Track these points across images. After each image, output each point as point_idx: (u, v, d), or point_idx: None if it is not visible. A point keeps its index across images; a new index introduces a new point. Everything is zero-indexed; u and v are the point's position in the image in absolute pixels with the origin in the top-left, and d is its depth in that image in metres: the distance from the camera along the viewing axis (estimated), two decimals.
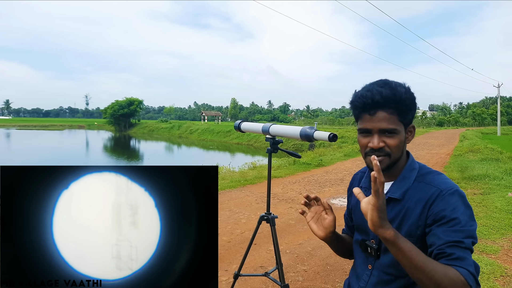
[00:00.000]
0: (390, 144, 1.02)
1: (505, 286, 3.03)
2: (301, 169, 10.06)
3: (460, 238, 0.92)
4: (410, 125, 1.07)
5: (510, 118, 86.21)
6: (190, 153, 31.75)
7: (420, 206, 1.01)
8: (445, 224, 0.95)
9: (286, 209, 5.66)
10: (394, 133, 1.02)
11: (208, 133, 45.51)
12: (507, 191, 6.59)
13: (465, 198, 0.99)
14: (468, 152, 13.75)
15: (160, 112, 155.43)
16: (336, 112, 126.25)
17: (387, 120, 1.01)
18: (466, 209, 0.97)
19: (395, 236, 0.89)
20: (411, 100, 1.03)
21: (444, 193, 0.98)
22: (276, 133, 1.59)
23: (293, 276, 3.27)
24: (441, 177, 1.04)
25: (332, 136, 1.28)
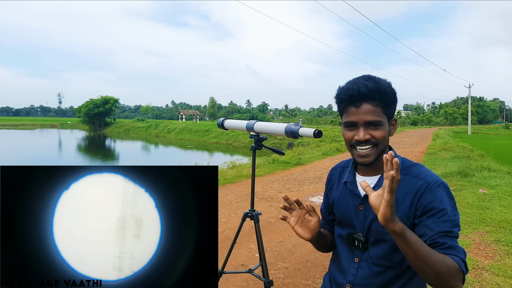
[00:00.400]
0: (376, 135, 1.06)
1: (477, 278, 3.16)
2: (280, 167, 10.12)
3: (449, 228, 0.98)
4: (392, 118, 1.11)
5: (480, 118, 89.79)
6: (167, 153, 31.33)
7: (409, 198, 1.05)
8: (434, 215, 1.00)
9: (266, 207, 5.68)
10: (379, 125, 1.05)
11: (186, 133, 45.03)
12: (478, 187, 6.85)
13: (449, 189, 1.05)
14: (441, 150, 14.22)
15: (136, 111, 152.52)
16: (314, 111, 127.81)
17: (372, 112, 1.04)
18: (450, 200, 1.04)
19: (404, 229, 0.90)
20: (393, 94, 1.08)
21: (431, 186, 1.04)
22: (260, 130, 1.60)
23: (274, 274, 3.30)
24: (425, 170, 1.10)
25: (317, 133, 1.30)
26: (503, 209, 5.32)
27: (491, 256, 3.64)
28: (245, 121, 1.67)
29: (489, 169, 8.80)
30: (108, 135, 53.86)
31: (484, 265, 3.42)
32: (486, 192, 6.37)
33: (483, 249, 3.85)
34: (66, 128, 72.67)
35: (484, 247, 3.89)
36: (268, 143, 20.51)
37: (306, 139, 22.17)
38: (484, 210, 5.29)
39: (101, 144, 41.74)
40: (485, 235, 4.26)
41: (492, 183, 7.31)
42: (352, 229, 1.17)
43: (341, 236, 1.22)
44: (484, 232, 4.38)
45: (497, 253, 3.71)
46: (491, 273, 3.24)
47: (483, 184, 7.16)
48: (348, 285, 1.15)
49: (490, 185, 7.07)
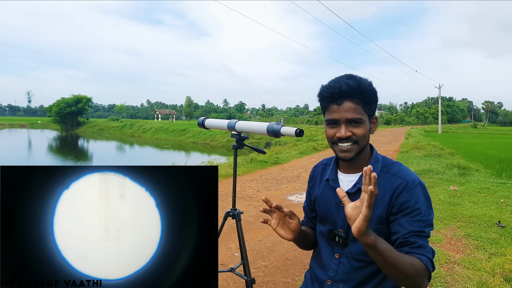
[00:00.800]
0: (357, 133, 1.09)
1: (449, 271, 3.28)
2: (258, 167, 10.14)
3: (421, 228, 1.03)
4: (373, 117, 1.15)
5: (449, 117, 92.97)
6: (143, 153, 30.79)
7: (388, 195, 1.09)
8: (408, 214, 1.05)
9: (245, 206, 5.68)
10: (360, 123, 1.09)
11: (162, 132, 44.39)
12: (448, 184, 7.11)
13: (425, 189, 1.09)
14: (413, 149, 14.65)
15: (110, 110, 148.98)
16: (290, 111, 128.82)
17: (353, 110, 1.07)
18: (426, 199, 1.08)
19: (375, 241, 0.93)
20: (374, 93, 1.11)
21: (410, 185, 1.07)
22: (242, 129, 1.60)
23: (254, 272, 3.30)
24: (404, 168, 1.14)
25: (298, 132, 1.32)
26: (472, 205, 5.54)
27: (462, 250, 3.79)
28: (227, 120, 1.66)
29: (459, 167, 9.14)
30: (81, 135, 52.37)
31: (455, 259, 3.56)
32: (456, 189, 6.61)
33: (454, 243, 4.00)
34: (36, 128, 70.06)
35: (455, 242, 4.04)
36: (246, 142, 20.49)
37: (283, 138, 22.31)
38: (455, 206, 5.49)
39: (74, 144, 40.53)
40: (456, 230, 4.42)
41: (462, 180, 7.61)
42: (333, 225, 1.19)
43: (322, 233, 1.24)
44: (455, 227, 4.55)
45: (467, 247, 3.86)
46: (462, 267, 3.37)
47: (454, 181, 7.44)
48: (329, 281, 1.18)
49: (460, 182, 7.35)
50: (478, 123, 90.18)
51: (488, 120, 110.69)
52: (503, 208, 5.37)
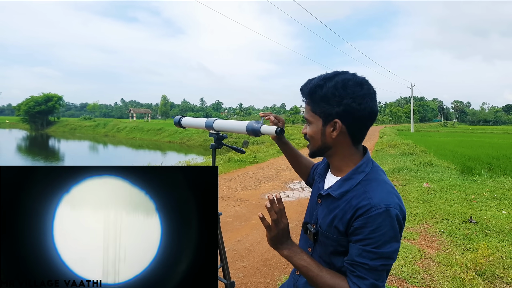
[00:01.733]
0: (307, 132, 1.10)
1: (425, 267, 3.34)
2: (236, 166, 10.09)
3: (367, 261, 0.95)
4: (332, 120, 1.03)
5: (421, 116, 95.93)
6: (117, 153, 30.08)
7: (349, 213, 1.00)
8: (359, 241, 0.97)
9: (223, 206, 5.62)
10: (310, 123, 1.08)
11: (137, 132, 43.53)
12: (422, 181, 7.29)
13: (393, 218, 0.96)
14: (388, 147, 14.99)
15: (83, 109, 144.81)
16: (268, 110, 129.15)
17: (305, 110, 1.10)
18: (390, 230, 0.95)
19: (288, 255, 1.05)
20: (324, 95, 1.02)
21: (373, 210, 0.96)
22: (220, 128, 1.54)
23: (233, 273, 3.26)
24: (381, 189, 1.01)
25: (279, 130, 1.28)
26: (445, 202, 5.70)
27: (436, 246, 3.87)
28: (204, 119, 1.60)
29: (431, 165, 9.40)
30: (51, 134, 50.62)
31: (430, 255, 3.63)
32: (429, 186, 6.78)
33: (429, 240, 4.09)
34: (4, 128, 67.17)
35: (429, 238, 4.13)
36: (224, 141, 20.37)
37: (261, 138, 22.32)
38: (428, 203, 5.63)
39: (44, 144, 39.12)
40: (430, 227, 4.53)
41: (434, 177, 7.82)
42: (309, 218, 1.18)
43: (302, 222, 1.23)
44: (429, 223, 4.66)
45: (441, 243, 3.95)
46: (436, 263, 3.44)
47: (427, 179, 7.63)
48: (298, 271, 1.19)
49: (433, 179, 7.55)
50: (448, 122, 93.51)
51: (457, 119, 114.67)
52: (474, 204, 5.54)
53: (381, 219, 0.94)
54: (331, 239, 1.05)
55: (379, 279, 0.96)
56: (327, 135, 1.05)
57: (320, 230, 1.09)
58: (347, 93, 1.00)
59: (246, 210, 5.41)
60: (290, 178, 8.23)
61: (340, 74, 1.04)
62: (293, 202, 6.02)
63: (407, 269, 3.27)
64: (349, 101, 1.00)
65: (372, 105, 1.03)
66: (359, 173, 1.05)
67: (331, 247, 1.06)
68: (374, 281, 0.95)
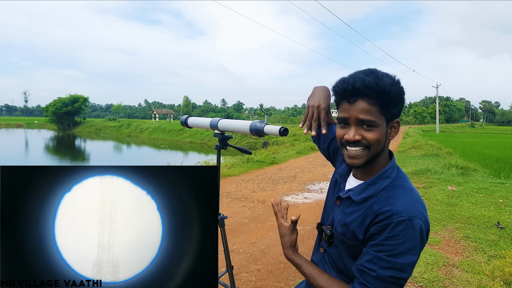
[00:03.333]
0: (368, 137, 0.93)
1: (447, 274, 3.18)
2: (254, 167, 10.04)
3: (375, 268, 0.89)
4: (394, 120, 0.97)
5: (447, 117, 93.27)
6: (140, 153, 30.65)
7: (369, 219, 0.94)
8: (373, 246, 0.91)
9: (240, 207, 5.58)
10: (373, 126, 0.93)
11: (159, 132, 44.23)
12: (446, 184, 7.02)
13: (415, 229, 0.89)
14: (411, 149, 14.60)
15: (107, 110, 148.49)
16: (288, 110, 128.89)
17: (366, 110, 0.92)
18: (409, 240, 0.88)
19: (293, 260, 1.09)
20: (397, 93, 0.93)
21: (394, 218, 0.89)
22: (225, 128, 1.49)
23: (246, 276, 3.20)
24: (406, 196, 0.94)
25: (283, 130, 1.21)
26: (471, 206, 5.45)
27: (460, 253, 3.69)
28: (209, 119, 1.56)
29: (457, 167, 9.06)
30: (77, 134, 52.13)
31: (454, 261, 3.46)
32: (454, 189, 6.53)
33: (453, 245, 3.90)
34: (33, 128, 69.70)
35: (453, 244, 3.95)
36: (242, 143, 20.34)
37: (281, 138, 22.22)
38: (453, 207, 5.40)
39: (71, 144, 40.33)
40: (454, 232, 4.33)
41: (460, 180, 7.52)
42: (325, 219, 1.14)
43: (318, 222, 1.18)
44: (454, 228, 4.46)
45: (466, 250, 3.77)
46: (460, 270, 3.28)
47: (452, 181, 7.36)
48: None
49: (458, 182, 7.27)
50: (476, 123, 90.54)
51: (485, 120, 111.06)
52: (502, 208, 5.28)
53: (401, 228, 0.88)
54: (347, 244, 1.00)
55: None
56: (388, 138, 0.98)
57: (335, 233, 1.04)
58: (404, 91, 0.96)
59: (263, 212, 5.34)
60: (309, 180, 8.11)
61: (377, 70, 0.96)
62: (311, 204, 5.91)
63: (429, 276, 3.12)
64: (404, 99, 0.97)
65: None
66: (384, 179, 0.98)
67: (345, 252, 1.01)
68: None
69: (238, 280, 3.12)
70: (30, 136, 49.24)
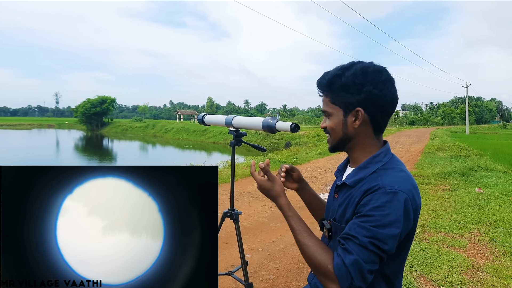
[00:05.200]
0: (327, 125, 1.08)
1: (472, 278, 3.08)
2: (276, 167, 10.01)
3: (357, 235, 0.91)
4: (354, 109, 1.01)
5: (477, 118, 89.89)
6: (164, 153, 31.23)
7: (359, 196, 0.98)
8: (360, 217, 0.93)
9: (260, 207, 5.60)
10: (329, 115, 1.06)
11: (183, 132, 44.93)
12: (474, 186, 6.79)
13: (400, 202, 0.91)
14: (438, 150, 14.17)
15: (134, 111, 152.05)
16: (312, 111, 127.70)
17: (323, 102, 1.08)
18: (393, 212, 0.90)
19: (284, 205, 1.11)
20: (343, 84, 1.01)
21: (380, 190, 0.93)
22: (239, 125, 1.52)
23: (264, 275, 3.21)
24: (394, 174, 0.98)
25: (293, 126, 1.23)
26: (499, 209, 5.26)
27: (486, 256, 3.57)
28: (224, 116, 1.60)
29: (486, 168, 8.74)
30: (105, 135, 53.71)
31: (479, 265, 3.35)
32: (482, 191, 6.31)
33: (479, 249, 3.78)
34: (64, 128, 72.41)
35: (479, 247, 3.82)
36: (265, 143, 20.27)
37: (304, 139, 22.11)
38: (480, 210, 5.22)
39: (99, 144, 41.61)
40: (481, 235, 4.19)
41: (488, 182, 7.25)
42: (327, 215, 1.17)
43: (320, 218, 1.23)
44: (480, 231, 4.32)
45: (492, 253, 3.64)
46: (486, 274, 3.17)
47: (480, 184, 7.11)
48: None
49: (487, 185, 7.01)
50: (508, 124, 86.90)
51: None
52: None
53: (386, 199, 0.91)
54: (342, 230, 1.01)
55: (366, 261, 0.89)
56: (348, 126, 1.03)
57: (334, 223, 1.07)
58: (368, 80, 0.98)
59: None
60: (331, 180, 8.03)
61: (357, 63, 1.03)
62: None
63: (452, 279, 3.04)
64: (370, 88, 0.98)
65: (393, 91, 1.01)
66: (376, 163, 1.02)
67: None
68: (359, 258, 0.89)
69: (256, 278, 3.14)
70: (60, 136, 51.14)
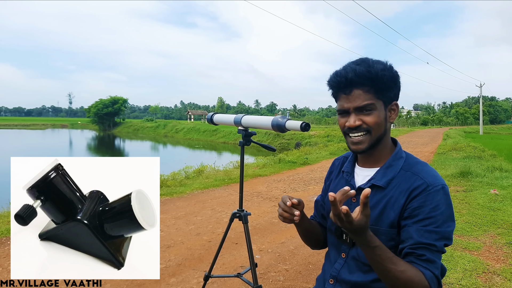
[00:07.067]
0: (368, 121, 0.97)
1: (487, 282, 3.00)
2: (286, 167, 9.99)
3: (432, 241, 0.89)
4: (392, 103, 1.01)
5: (492, 118, 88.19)
6: (175, 152, 31.40)
7: (403, 197, 0.95)
8: (420, 221, 0.91)
9: (270, 207, 5.57)
10: (371, 110, 0.96)
11: (194, 132, 45.10)
12: (489, 188, 6.64)
13: (448, 196, 0.95)
14: (451, 150, 13.94)
15: (145, 111, 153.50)
16: (322, 111, 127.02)
17: (362, 97, 0.96)
18: (447, 208, 0.93)
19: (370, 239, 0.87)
20: (390, 77, 0.97)
21: (430, 189, 0.93)
22: (248, 124, 1.50)
23: (274, 276, 3.18)
24: (428, 169, 0.99)
25: (304, 125, 1.20)
26: None
27: (502, 260, 3.48)
28: (233, 115, 1.58)
29: (500, 169, 8.56)
30: (117, 135, 54.25)
31: (495, 269, 3.27)
32: (497, 193, 6.16)
33: (494, 252, 3.68)
34: (77, 128, 73.40)
35: (495, 250, 3.73)
36: (275, 143, 20.26)
37: (314, 139, 21.98)
38: (495, 212, 5.10)
39: (111, 144, 42.05)
40: (497, 238, 4.09)
41: (504, 183, 7.09)
42: None
43: (330, 229, 1.14)
44: (496, 234, 4.21)
45: (509, 257, 3.54)
46: (502, 278, 3.08)
47: (495, 185, 6.95)
48: (332, 280, 1.09)
49: (502, 186, 6.85)
50: None
51: None
52: None
53: (439, 197, 0.92)
54: (380, 233, 0.97)
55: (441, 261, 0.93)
56: (387, 121, 1.01)
57: None
58: (397, 74, 1.00)
59: None
60: None
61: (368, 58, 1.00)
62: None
63: (467, 283, 2.96)
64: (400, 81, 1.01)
65: None
66: (398, 159, 1.02)
67: None
68: (441, 262, 0.91)
69: (266, 279, 3.11)
70: (73, 136, 51.84)
